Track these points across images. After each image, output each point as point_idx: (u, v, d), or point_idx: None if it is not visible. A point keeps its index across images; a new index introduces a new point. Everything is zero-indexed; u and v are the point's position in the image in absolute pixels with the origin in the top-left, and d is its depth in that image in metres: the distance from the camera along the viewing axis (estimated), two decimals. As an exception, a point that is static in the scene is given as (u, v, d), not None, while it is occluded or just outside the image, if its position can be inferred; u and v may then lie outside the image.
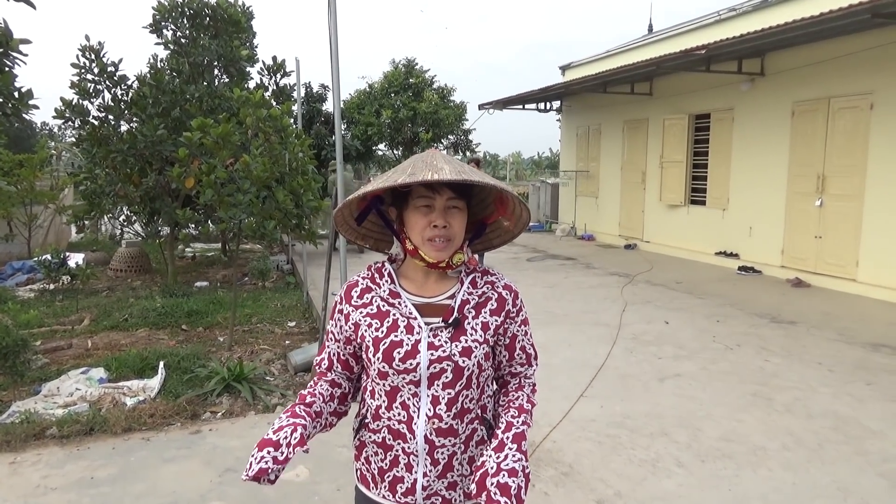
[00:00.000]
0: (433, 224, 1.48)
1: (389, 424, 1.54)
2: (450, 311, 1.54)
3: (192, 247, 13.19)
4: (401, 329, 1.52)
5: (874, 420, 4.19)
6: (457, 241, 1.53)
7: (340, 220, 1.65)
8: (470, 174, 1.44)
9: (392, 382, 1.52)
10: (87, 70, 7.69)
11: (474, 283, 1.59)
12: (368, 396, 1.61)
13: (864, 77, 8.05)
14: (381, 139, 16.23)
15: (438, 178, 1.39)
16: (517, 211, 1.61)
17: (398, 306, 1.55)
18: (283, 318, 7.22)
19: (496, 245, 1.74)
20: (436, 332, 1.51)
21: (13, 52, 5.15)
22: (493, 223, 1.66)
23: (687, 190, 11.60)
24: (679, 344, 5.99)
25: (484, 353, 1.54)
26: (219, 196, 5.30)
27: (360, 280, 1.62)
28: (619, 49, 14.37)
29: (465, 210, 1.54)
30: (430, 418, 1.51)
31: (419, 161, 1.49)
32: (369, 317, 1.56)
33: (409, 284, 1.59)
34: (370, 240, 1.74)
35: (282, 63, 8.52)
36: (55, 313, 7.37)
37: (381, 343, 1.52)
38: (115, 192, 8.15)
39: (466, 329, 1.53)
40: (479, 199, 1.64)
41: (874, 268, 8.02)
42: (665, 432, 4.04)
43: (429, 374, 1.50)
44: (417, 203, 1.50)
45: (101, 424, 4.09)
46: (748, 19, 10.17)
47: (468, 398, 1.54)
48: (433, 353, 1.49)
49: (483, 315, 1.56)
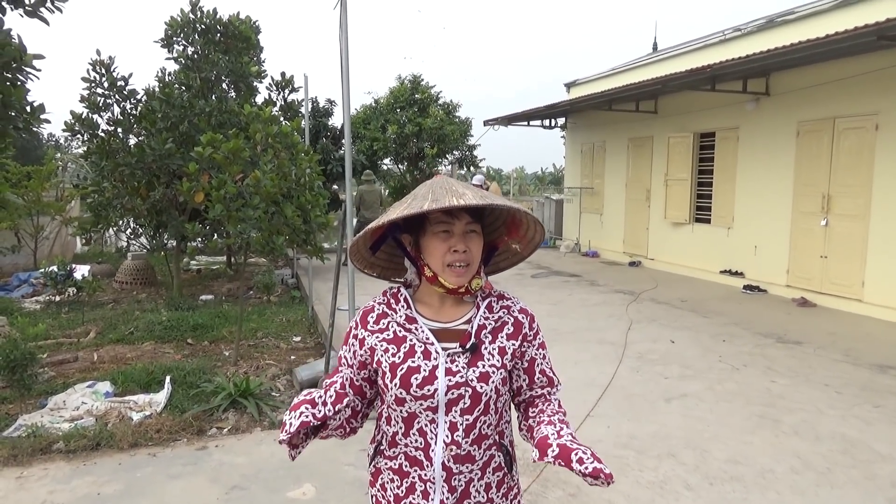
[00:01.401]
0: (453, 249, 1.50)
1: (406, 451, 1.54)
2: (466, 336, 1.54)
3: (198, 260, 13.23)
4: (418, 355, 1.52)
5: (883, 443, 4.17)
6: (475, 266, 1.54)
7: (354, 250, 1.67)
8: (493, 199, 1.46)
9: (409, 409, 1.52)
10: (98, 84, 7.77)
11: (490, 308, 1.59)
12: (384, 423, 1.60)
13: (869, 98, 8.08)
14: (386, 154, 16.30)
15: (464, 203, 1.41)
16: (530, 232, 1.62)
17: (415, 332, 1.55)
18: (288, 332, 7.23)
19: (503, 268, 1.76)
20: (453, 358, 1.51)
21: (26, 67, 5.22)
22: (503, 246, 1.68)
23: (692, 208, 11.61)
24: (685, 363, 5.98)
25: (501, 378, 1.54)
26: (228, 211, 5.34)
27: (376, 305, 1.63)
28: (625, 67, 14.46)
29: (481, 234, 1.55)
30: (448, 445, 1.50)
31: (438, 187, 1.50)
32: (386, 342, 1.56)
33: (425, 310, 1.60)
34: (377, 268, 1.74)
35: (290, 79, 8.59)
36: (61, 325, 7.39)
37: (398, 369, 1.52)
38: (122, 205, 8.20)
39: (484, 354, 1.53)
40: (490, 223, 1.66)
41: (880, 288, 8.00)
42: (672, 453, 4.03)
43: (446, 400, 1.49)
44: (436, 229, 1.51)
45: (108, 439, 4.09)
46: (753, 39, 10.24)
47: (486, 424, 1.54)
48: (451, 378, 1.49)
49: (500, 340, 1.57)
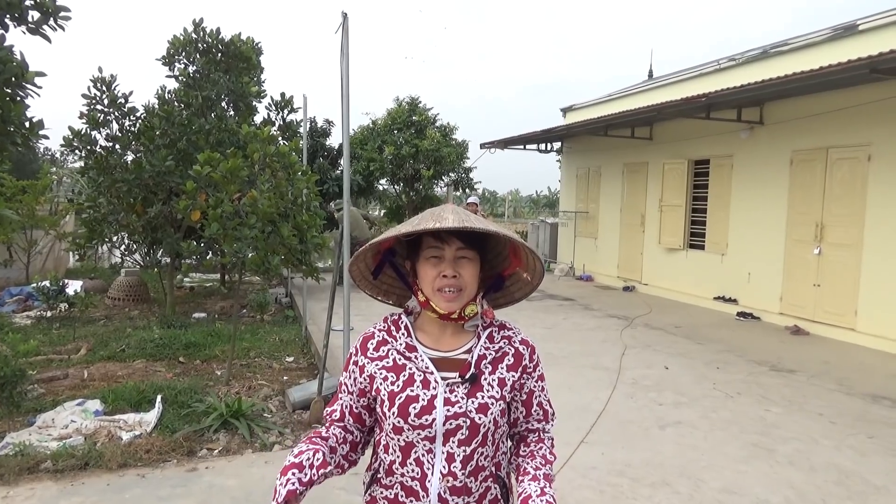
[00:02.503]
0: (442, 274, 1.50)
1: (402, 481, 1.52)
2: (466, 366, 1.53)
3: (191, 277, 13.17)
4: (417, 384, 1.51)
5: (877, 475, 4.16)
6: (468, 292, 1.53)
7: (357, 275, 1.67)
8: (473, 222, 1.45)
9: (407, 438, 1.51)
10: (98, 101, 7.79)
11: (491, 338, 1.59)
12: (382, 451, 1.59)
13: (862, 129, 8.19)
14: (382, 175, 16.35)
15: (440, 226, 1.42)
16: (530, 261, 1.61)
17: (414, 360, 1.55)
18: (281, 352, 7.18)
19: (518, 299, 1.73)
20: (452, 388, 1.50)
21: (27, 84, 5.25)
22: (511, 276, 1.67)
23: (686, 234, 11.68)
24: (679, 390, 5.96)
25: (500, 409, 1.53)
26: (224, 230, 5.33)
27: (377, 332, 1.63)
28: (620, 94, 14.63)
29: (476, 261, 1.55)
30: (445, 476, 1.49)
31: (427, 214, 1.53)
32: (385, 370, 1.55)
33: (425, 338, 1.59)
34: (393, 296, 1.75)
35: (289, 99, 8.65)
36: (51, 341, 7.33)
37: (396, 397, 1.51)
38: (117, 221, 8.18)
39: (483, 385, 1.52)
40: (496, 252, 1.65)
41: (873, 318, 8.04)
42: (667, 482, 4.00)
43: (444, 431, 1.48)
44: (427, 254, 1.52)
45: (97, 459, 4.04)
46: (747, 69, 10.39)
47: (483, 455, 1.52)
48: (449, 409, 1.48)
49: (500, 371, 1.56)
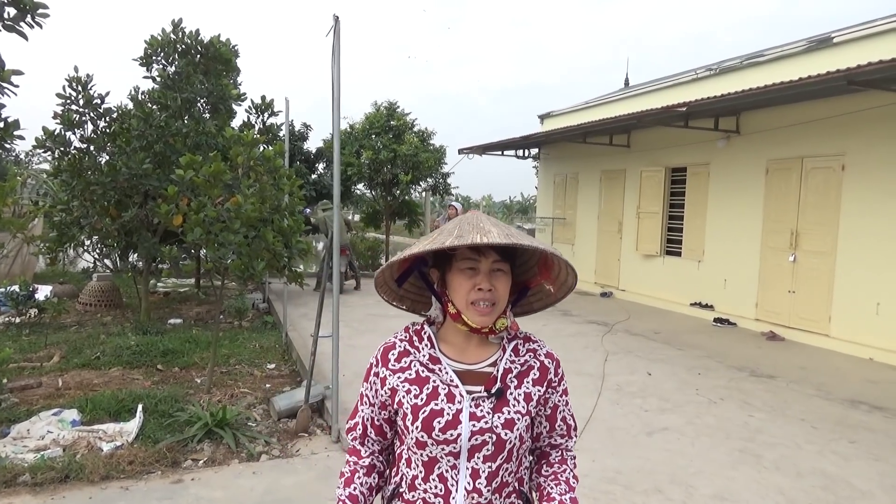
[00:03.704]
0: (478, 287, 1.45)
1: (425, 497, 1.48)
2: (492, 379, 1.49)
3: (164, 282, 12.91)
4: (441, 397, 1.47)
5: (861, 479, 4.23)
6: (501, 306, 1.49)
7: (381, 281, 1.63)
8: (519, 238, 1.41)
9: (430, 453, 1.46)
10: (73, 101, 7.59)
11: (517, 351, 1.55)
12: (404, 465, 1.54)
13: (836, 139, 8.38)
14: (360, 179, 16.24)
15: (487, 240, 1.37)
16: (562, 276, 1.59)
17: (438, 373, 1.50)
18: (261, 359, 7.06)
19: (536, 309, 1.71)
20: (477, 402, 1.46)
21: (4, 83, 5.08)
22: (535, 287, 1.64)
23: (663, 241, 11.81)
24: (663, 396, 6.01)
25: (526, 425, 1.50)
26: (207, 235, 5.22)
27: (398, 342, 1.58)
28: (598, 101, 14.76)
29: (509, 273, 1.51)
30: (469, 492, 1.45)
31: (465, 223, 1.47)
32: (408, 382, 1.51)
33: (448, 349, 1.55)
34: (407, 301, 1.70)
35: (270, 102, 8.54)
36: (22, 349, 7.10)
37: (420, 411, 1.46)
38: (91, 225, 7.97)
39: (509, 400, 1.48)
40: (522, 262, 1.62)
41: (846, 324, 8.21)
42: (659, 489, 4.02)
43: (469, 446, 1.44)
44: (462, 265, 1.47)
45: (77, 472, 3.91)
46: (723, 80, 10.56)
47: (508, 471, 1.49)
48: (475, 424, 1.44)
49: (525, 385, 1.52)
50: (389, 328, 9.02)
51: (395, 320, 9.75)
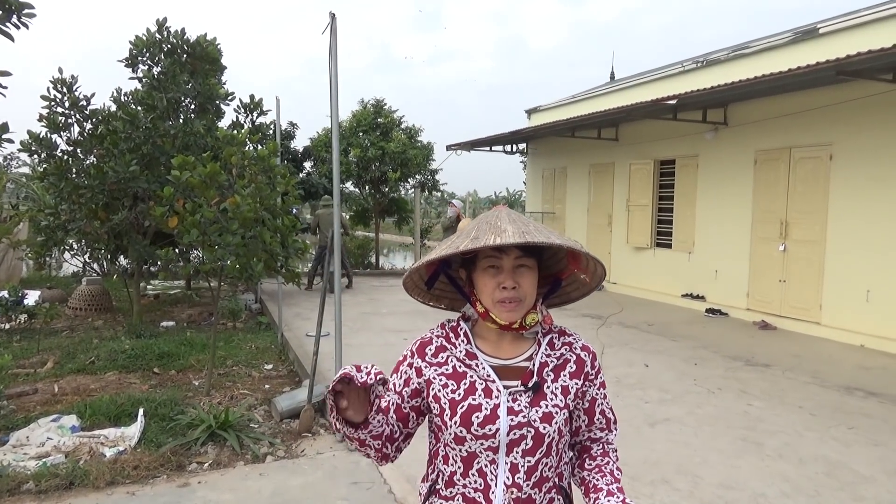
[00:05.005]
0: (502, 286, 1.45)
1: (464, 492, 1.48)
2: (528, 374, 1.49)
3: (153, 285, 12.79)
4: (479, 392, 1.47)
5: (863, 465, 4.28)
6: (528, 301, 1.49)
7: (410, 286, 1.62)
8: (535, 234, 1.40)
9: (469, 448, 1.46)
10: (59, 103, 7.48)
11: (552, 345, 1.55)
12: (441, 462, 1.54)
13: (824, 129, 8.47)
14: (348, 177, 16.17)
15: (501, 241, 1.36)
16: (591, 265, 1.58)
17: (475, 368, 1.50)
18: (258, 360, 7.02)
19: (574, 299, 1.70)
20: (515, 397, 1.46)
21: (-8, 85, 4.99)
22: (568, 277, 1.63)
23: (653, 233, 11.89)
24: (662, 387, 6.05)
25: (564, 418, 1.50)
26: (204, 236, 5.17)
27: (434, 337, 1.57)
28: (585, 95, 14.81)
29: (534, 268, 1.50)
30: (509, 487, 1.44)
31: (483, 223, 1.46)
32: (445, 377, 1.51)
33: (484, 345, 1.55)
34: (444, 300, 1.70)
35: (259, 102, 8.45)
36: (14, 355, 6.97)
37: (458, 406, 1.46)
38: (79, 228, 7.85)
39: (546, 393, 1.48)
40: (552, 254, 1.61)
41: (836, 312, 8.32)
42: (665, 479, 4.05)
43: (508, 441, 1.44)
44: (484, 265, 1.47)
45: (82, 478, 3.86)
46: (710, 72, 10.64)
47: (547, 466, 1.49)
48: (513, 418, 1.44)
49: (562, 378, 1.52)
50: (383, 326, 9.01)
51: (389, 318, 9.75)
